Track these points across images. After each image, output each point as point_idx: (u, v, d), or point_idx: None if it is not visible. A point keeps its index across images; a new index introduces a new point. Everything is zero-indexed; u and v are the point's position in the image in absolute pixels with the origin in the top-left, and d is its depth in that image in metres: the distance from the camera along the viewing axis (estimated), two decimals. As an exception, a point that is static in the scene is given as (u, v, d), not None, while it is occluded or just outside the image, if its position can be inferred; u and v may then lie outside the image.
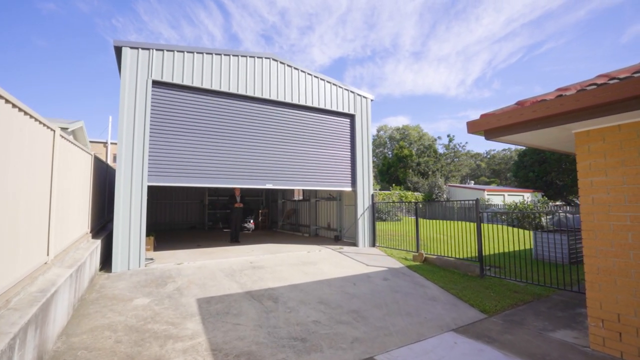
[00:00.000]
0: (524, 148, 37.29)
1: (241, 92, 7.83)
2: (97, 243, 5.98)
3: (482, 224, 11.41)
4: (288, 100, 8.52)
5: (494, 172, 58.37)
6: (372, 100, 10.17)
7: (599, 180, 3.37)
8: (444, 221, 13.74)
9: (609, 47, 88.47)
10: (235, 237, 10.32)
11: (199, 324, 3.83)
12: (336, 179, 9.33)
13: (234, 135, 7.76)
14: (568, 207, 22.31)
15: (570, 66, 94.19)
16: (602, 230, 3.33)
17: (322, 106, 9.11)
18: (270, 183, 8.12)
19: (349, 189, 9.56)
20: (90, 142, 21.97)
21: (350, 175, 9.60)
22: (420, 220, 14.03)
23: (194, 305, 4.46)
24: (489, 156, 61.12)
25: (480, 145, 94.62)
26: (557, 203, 27.04)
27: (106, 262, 6.66)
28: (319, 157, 9.06)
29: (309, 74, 8.97)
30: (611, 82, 2.97)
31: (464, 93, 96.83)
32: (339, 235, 11.03)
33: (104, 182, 8.40)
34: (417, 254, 7.88)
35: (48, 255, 3.50)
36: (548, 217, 15.45)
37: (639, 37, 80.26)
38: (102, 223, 8.26)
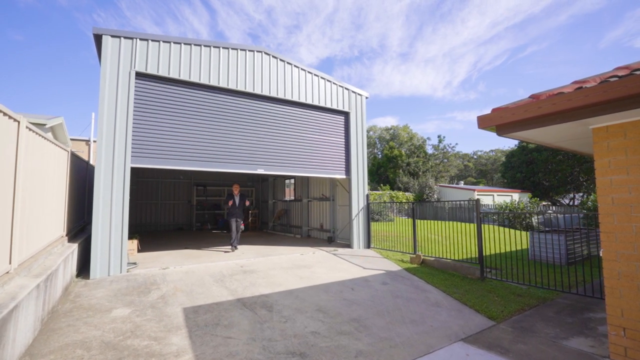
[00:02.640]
0: (512, 149, 37.82)
1: (231, 86, 7.43)
2: (74, 247, 5.50)
3: (472, 224, 11.32)
4: (280, 96, 8.16)
5: (481, 173, 59.17)
6: (366, 97, 9.91)
7: (619, 179, 3.15)
8: (436, 221, 13.62)
9: (588, 52, 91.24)
10: (231, 242, 8.84)
11: (185, 338, 3.45)
12: (331, 167, 9.06)
13: (224, 127, 7.36)
14: (554, 207, 22.69)
15: (552, 69, 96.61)
16: (623, 232, 3.11)
17: (315, 103, 8.78)
18: (262, 168, 7.77)
19: (343, 176, 9.32)
20: (72, 139, 21.05)
21: (344, 170, 9.32)
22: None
23: (180, 315, 4.06)
24: (476, 157, 61.95)
25: (467, 146, 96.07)
26: (544, 203, 27.45)
27: (84, 268, 6.17)
28: (314, 157, 8.73)
29: (302, 69, 8.63)
30: (637, 72, 2.75)
31: (450, 94, 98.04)
32: (332, 236, 10.72)
33: (83, 181, 7.86)
34: (414, 255, 7.64)
35: (10, 263, 3.07)
36: (538, 217, 15.54)
37: (616, 43, 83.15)
38: (81, 225, 7.73)
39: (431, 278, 6.20)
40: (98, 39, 6.13)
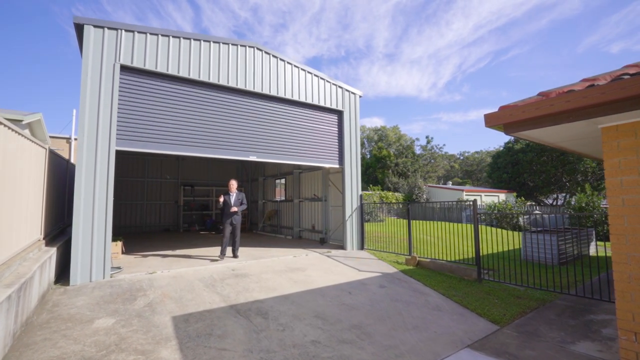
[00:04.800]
0: (498, 150, 38.52)
1: (222, 82, 7.13)
2: (52, 251, 5.12)
3: (462, 224, 11.32)
4: (274, 93, 7.91)
5: (467, 173, 60.14)
6: (360, 96, 9.77)
7: (630, 179, 3.07)
8: (425, 221, 13.60)
9: (567, 57, 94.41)
10: (223, 251, 7.40)
11: (175, 351, 3.18)
12: (324, 157, 8.92)
13: (215, 120, 7.09)
14: (537, 207, 23.20)
15: (533, 73, 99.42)
16: (634, 234, 3.02)
17: (309, 101, 8.56)
18: (254, 155, 7.54)
19: (336, 165, 9.17)
20: (52, 137, 20.14)
21: (337, 160, 9.14)
22: (404, 221, 13.82)
23: (169, 325, 3.78)
24: (462, 157, 62.93)
25: (452, 147, 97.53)
26: (530, 203, 28.02)
27: (63, 273, 5.76)
28: (308, 149, 8.52)
29: (295, 66, 8.40)
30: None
31: (435, 96, 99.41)
32: (324, 237, 10.53)
33: (63, 180, 7.42)
34: (409, 257, 7.52)
35: (-23, 272, 2.74)
36: (532, 217, 15.80)
37: (593, 48, 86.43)
38: (61, 227, 7.28)
39: (429, 280, 6.09)
40: (79, 29, 5.74)
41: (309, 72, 8.64)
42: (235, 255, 7.57)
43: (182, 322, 3.88)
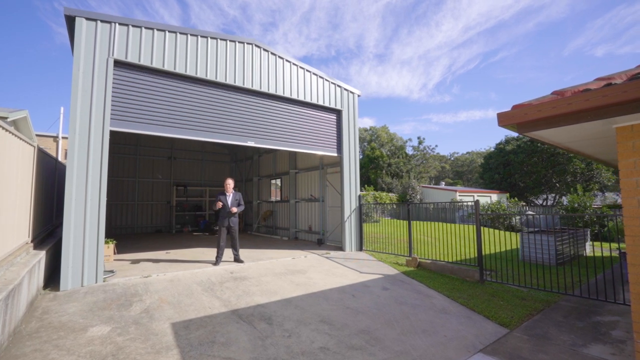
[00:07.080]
0: (489, 151, 38.98)
1: (220, 79, 6.92)
2: (41, 255, 4.86)
3: (456, 225, 11.32)
4: (272, 91, 7.74)
5: (457, 174, 60.78)
6: (359, 95, 9.67)
7: (646, 180, 3.02)
8: (420, 222, 13.60)
9: (553, 59, 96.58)
10: (219, 256, 6.89)
11: (178, 360, 3.00)
12: (323, 145, 8.71)
13: (212, 114, 6.90)
14: (527, 208, 23.52)
15: (521, 74, 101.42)
16: (651, 236, 2.97)
17: (308, 100, 8.42)
18: (252, 140, 7.40)
19: (335, 154, 9.09)
20: (38, 135, 19.51)
21: (336, 149, 9.01)
22: (399, 222, 13.79)
23: (168, 332, 3.59)
24: (453, 158, 63.58)
25: (442, 148, 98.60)
26: (522, 203, 28.36)
27: (53, 277, 5.49)
28: (307, 141, 8.38)
29: (294, 64, 8.25)
30: (673, 68, 2.62)
31: (426, 96, 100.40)
32: (322, 238, 10.39)
33: (52, 180, 7.12)
34: (410, 258, 7.44)
35: (-38, 279, 2.52)
36: (528, 217, 15.94)
37: (578, 51, 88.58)
38: (49, 229, 6.97)
39: (431, 282, 6.01)
40: (71, 21, 5.47)
41: (307, 70, 8.50)
42: (238, 260, 7.06)
43: (182, 329, 3.69)
